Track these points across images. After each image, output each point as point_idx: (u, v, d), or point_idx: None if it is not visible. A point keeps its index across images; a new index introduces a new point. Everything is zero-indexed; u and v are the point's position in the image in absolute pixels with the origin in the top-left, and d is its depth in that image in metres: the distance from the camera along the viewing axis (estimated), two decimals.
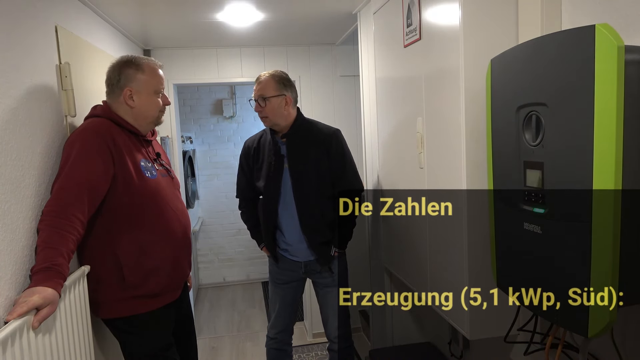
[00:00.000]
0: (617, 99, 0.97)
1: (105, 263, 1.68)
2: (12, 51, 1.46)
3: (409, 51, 1.94)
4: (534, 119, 1.19)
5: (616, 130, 0.98)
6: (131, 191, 1.68)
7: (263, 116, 2.21)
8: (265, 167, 2.26)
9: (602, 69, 0.98)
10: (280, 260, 2.35)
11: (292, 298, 2.42)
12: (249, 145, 2.36)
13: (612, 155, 0.99)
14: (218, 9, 2.61)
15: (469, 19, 1.52)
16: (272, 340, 2.46)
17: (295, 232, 2.25)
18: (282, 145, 2.24)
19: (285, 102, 2.19)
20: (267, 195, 2.26)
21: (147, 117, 1.80)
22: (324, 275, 2.33)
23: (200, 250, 5.28)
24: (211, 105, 5.22)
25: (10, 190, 1.36)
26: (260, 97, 2.19)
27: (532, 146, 1.20)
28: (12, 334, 1.15)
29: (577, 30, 1.07)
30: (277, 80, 2.20)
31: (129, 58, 1.79)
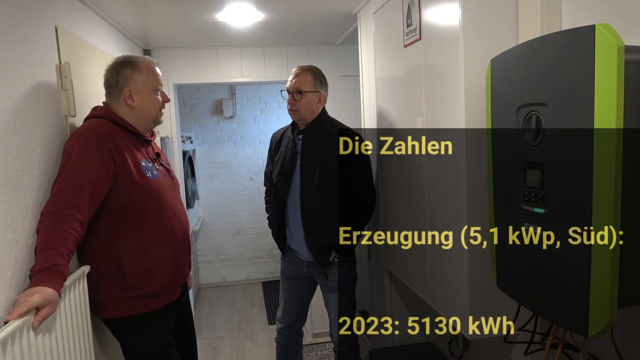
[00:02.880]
0: (617, 99, 0.97)
1: (106, 263, 1.68)
2: (12, 51, 1.46)
3: (409, 51, 1.94)
4: (534, 119, 1.19)
5: (616, 130, 0.98)
6: (132, 191, 1.69)
7: (294, 109, 2.21)
8: (280, 161, 2.28)
9: (602, 69, 0.98)
10: (287, 255, 2.37)
11: (296, 294, 2.41)
12: (274, 138, 2.41)
13: (612, 155, 0.99)
14: (218, 9, 2.61)
15: (469, 19, 1.52)
16: (278, 334, 2.48)
17: (299, 231, 2.26)
18: (299, 142, 2.25)
19: (319, 99, 2.22)
20: (276, 189, 2.28)
21: (148, 115, 1.80)
22: (321, 279, 2.34)
23: (200, 250, 5.28)
24: (211, 105, 5.22)
25: (10, 190, 1.36)
26: (296, 90, 2.18)
27: (532, 146, 1.20)
28: (12, 334, 1.16)
29: (577, 30, 1.07)
30: (316, 76, 2.22)
31: (124, 58, 1.79)
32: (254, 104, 5.28)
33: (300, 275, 2.37)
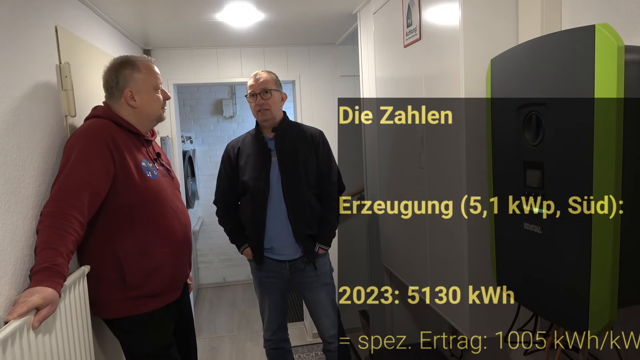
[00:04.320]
0: (617, 99, 0.97)
1: (106, 263, 1.68)
2: (12, 51, 1.46)
3: (409, 51, 1.94)
4: (534, 119, 1.19)
5: (616, 130, 0.98)
6: (132, 191, 1.68)
7: (265, 109, 2.26)
8: (252, 162, 2.29)
9: (602, 69, 0.98)
10: (264, 263, 2.34)
11: (278, 300, 2.43)
12: (233, 145, 2.40)
13: (612, 155, 0.99)
14: (218, 9, 2.61)
15: (469, 19, 1.52)
16: (269, 341, 2.48)
17: (282, 226, 2.26)
18: (270, 140, 2.30)
19: (282, 98, 2.34)
20: (254, 190, 2.26)
21: (151, 114, 1.81)
22: (308, 274, 2.33)
23: (200, 250, 5.28)
24: (211, 105, 5.22)
25: (10, 190, 1.36)
26: (263, 90, 2.26)
27: (532, 146, 1.20)
28: (12, 334, 1.16)
29: (577, 30, 1.07)
30: (275, 78, 2.33)
31: (123, 59, 1.79)
32: None
33: (281, 280, 2.37)
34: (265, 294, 2.41)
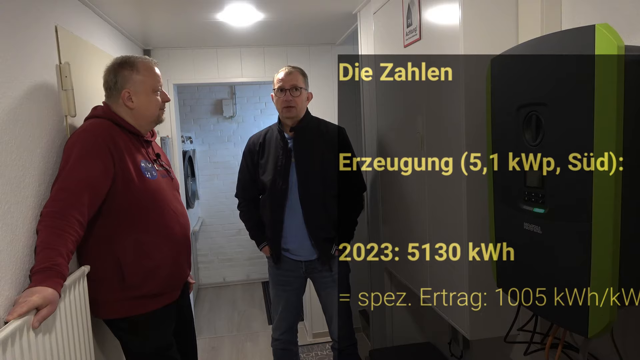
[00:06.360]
0: (617, 99, 0.97)
1: (106, 263, 1.68)
2: (12, 51, 1.46)
3: (409, 51, 1.94)
4: (534, 119, 1.18)
5: (616, 130, 0.98)
6: (131, 192, 1.68)
7: (291, 106, 2.22)
8: (272, 162, 2.27)
9: (602, 69, 0.98)
10: (282, 261, 2.35)
11: (293, 299, 2.41)
12: (254, 141, 2.37)
13: (612, 155, 0.99)
14: (218, 9, 2.61)
15: (469, 19, 1.52)
16: (276, 341, 2.46)
17: (299, 229, 2.26)
18: (290, 140, 2.26)
19: (308, 97, 2.31)
20: (272, 190, 2.26)
21: (148, 116, 1.80)
22: (324, 275, 2.33)
23: (200, 250, 5.28)
24: (211, 105, 5.22)
25: (10, 190, 1.36)
26: (293, 86, 2.22)
27: (532, 146, 1.20)
28: (12, 334, 1.16)
29: (577, 30, 1.07)
30: (305, 75, 2.30)
31: (123, 59, 1.79)
32: (254, 104, 5.28)
33: (297, 279, 2.37)
34: (280, 293, 2.41)
